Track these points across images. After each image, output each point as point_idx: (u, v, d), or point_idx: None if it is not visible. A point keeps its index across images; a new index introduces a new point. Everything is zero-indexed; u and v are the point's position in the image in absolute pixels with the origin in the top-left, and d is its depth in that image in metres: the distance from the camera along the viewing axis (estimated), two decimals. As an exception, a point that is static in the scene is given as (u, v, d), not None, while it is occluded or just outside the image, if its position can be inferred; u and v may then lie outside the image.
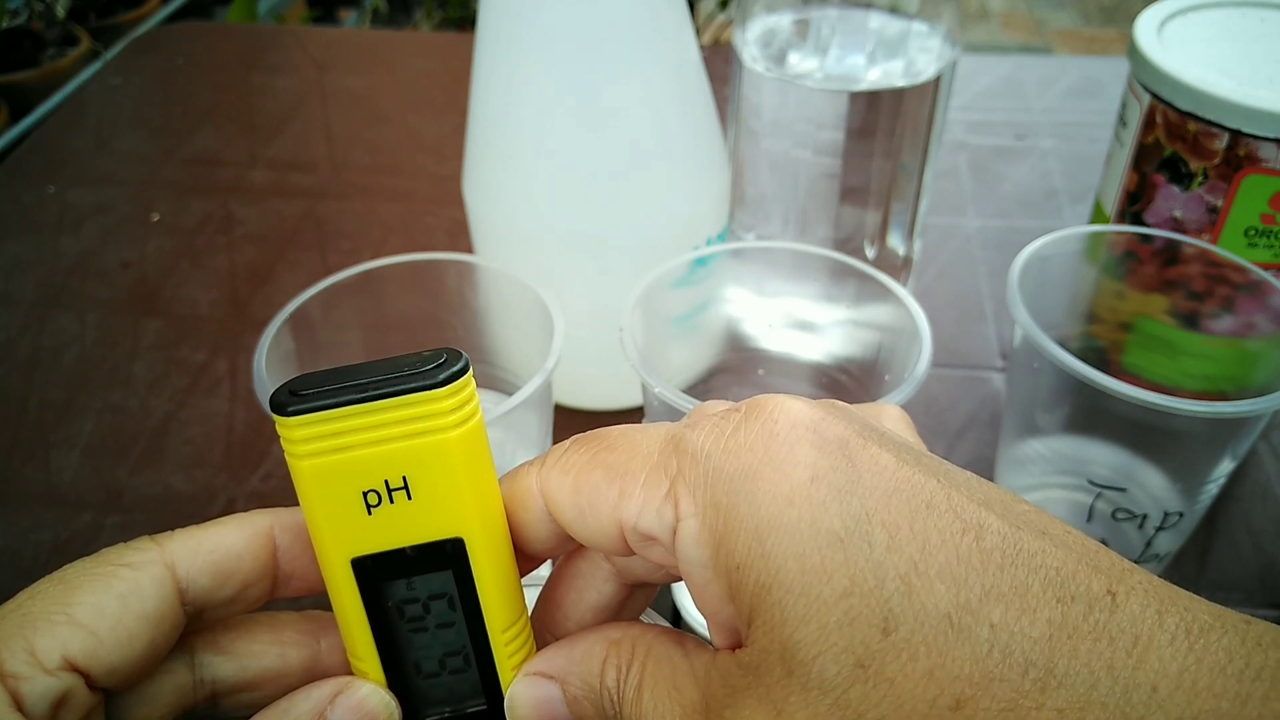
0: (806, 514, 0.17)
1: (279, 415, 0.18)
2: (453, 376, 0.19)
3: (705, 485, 0.18)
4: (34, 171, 0.68)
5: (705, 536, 0.18)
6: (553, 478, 0.20)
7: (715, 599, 0.18)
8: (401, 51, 0.83)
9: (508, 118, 0.39)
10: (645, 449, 0.20)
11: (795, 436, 0.18)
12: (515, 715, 0.21)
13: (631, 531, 0.19)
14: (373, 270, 0.36)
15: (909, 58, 0.45)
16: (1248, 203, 0.40)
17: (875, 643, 0.16)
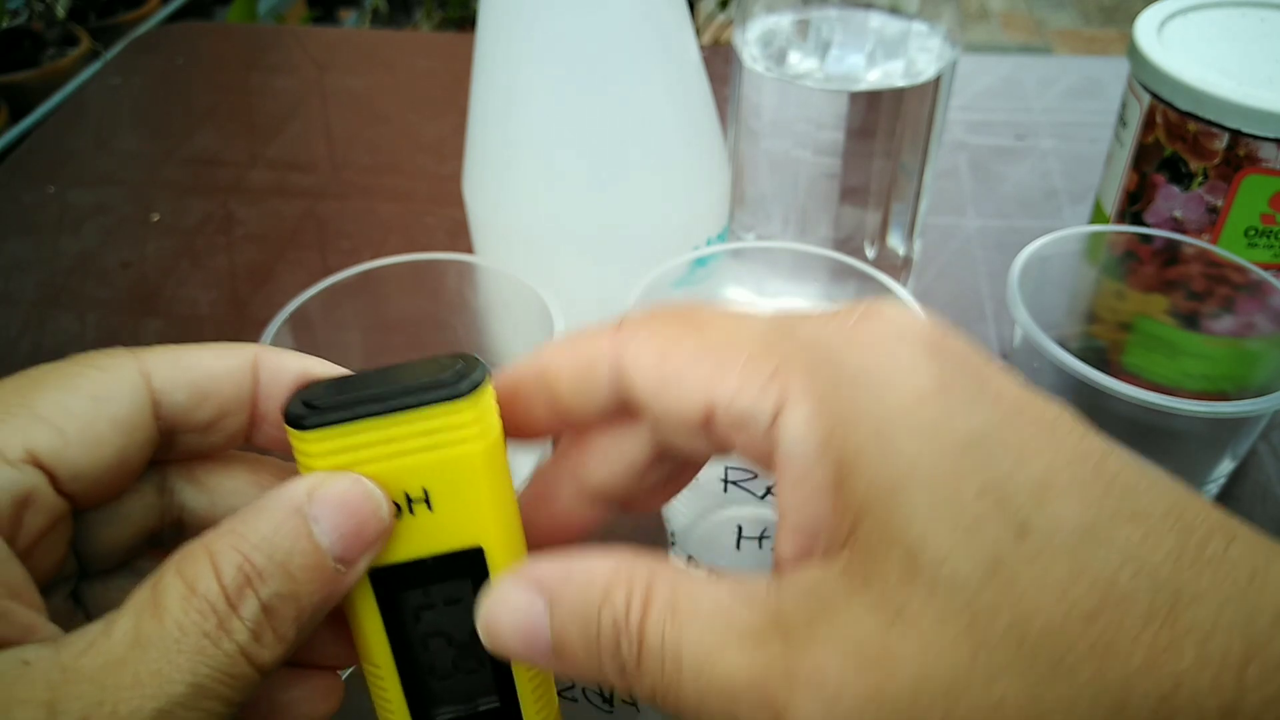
0: (935, 416, 0.16)
1: (295, 429, 0.18)
2: (474, 386, 0.18)
3: (821, 374, 0.17)
4: (34, 171, 0.68)
5: (818, 423, 0.17)
6: (637, 342, 0.19)
7: (811, 491, 0.17)
8: (401, 51, 0.83)
9: (508, 118, 0.39)
10: (748, 330, 0.18)
11: (918, 344, 0.17)
12: (489, 625, 0.18)
13: (724, 412, 0.18)
14: (373, 270, 0.36)
15: (909, 58, 0.45)
16: (1248, 203, 0.40)
17: (1009, 546, 0.15)
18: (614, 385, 0.19)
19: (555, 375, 0.20)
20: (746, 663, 0.16)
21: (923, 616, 0.15)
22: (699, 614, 0.17)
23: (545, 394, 0.20)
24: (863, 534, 0.16)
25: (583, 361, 0.19)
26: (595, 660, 0.18)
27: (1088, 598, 0.15)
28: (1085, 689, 0.15)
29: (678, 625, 0.17)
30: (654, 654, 0.17)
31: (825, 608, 0.16)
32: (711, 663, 0.16)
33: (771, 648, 0.16)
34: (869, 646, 0.15)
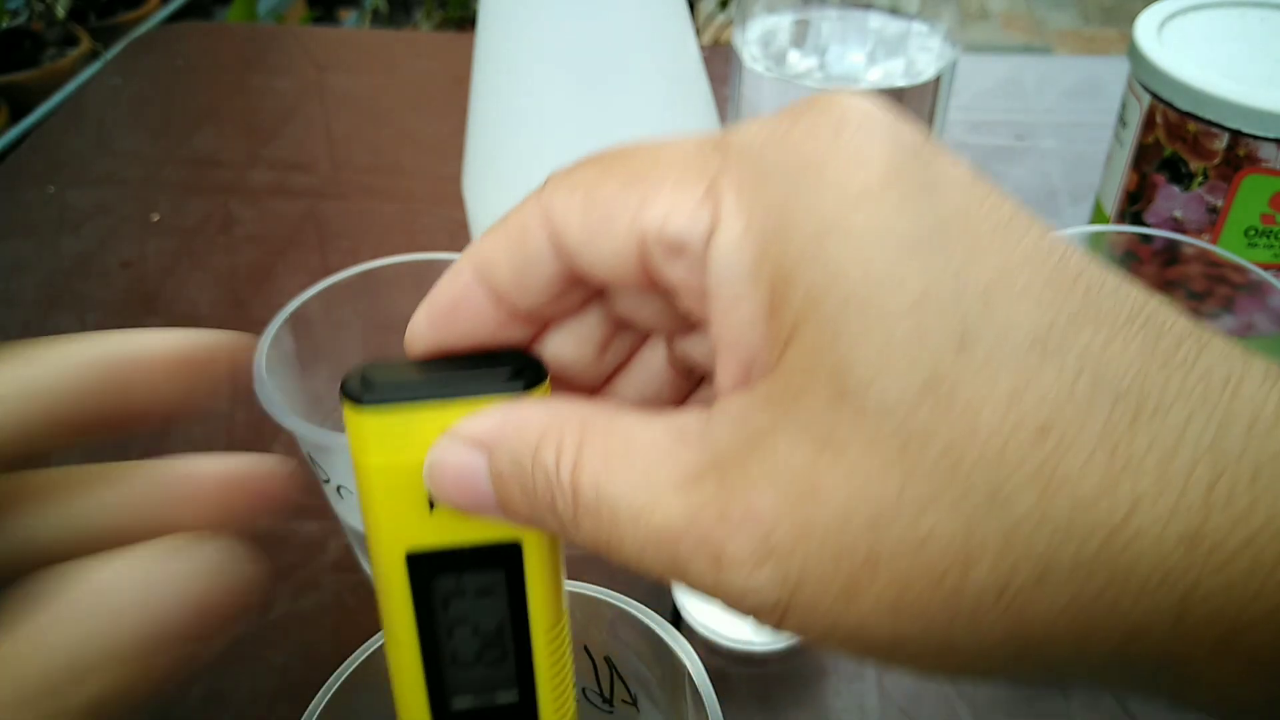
0: (877, 216, 0.14)
1: (352, 404, 0.18)
2: (530, 383, 0.18)
3: (755, 182, 0.15)
4: (34, 172, 0.68)
5: (749, 240, 0.15)
6: (559, 197, 0.17)
7: (745, 318, 0.15)
8: (401, 52, 0.83)
9: (507, 118, 0.39)
10: (674, 152, 0.17)
11: (867, 130, 0.15)
12: (433, 478, 0.18)
13: (656, 241, 0.16)
14: (372, 270, 0.36)
15: (909, 58, 0.45)
16: (1248, 203, 0.40)
17: (948, 360, 0.14)
18: (554, 254, 0.17)
19: (490, 264, 0.18)
20: (682, 506, 0.15)
21: (850, 443, 0.14)
22: (633, 459, 0.16)
23: (487, 293, 0.18)
24: (791, 355, 0.15)
25: (515, 238, 0.18)
26: (535, 515, 0.17)
27: (1035, 414, 0.13)
28: (1024, 521, 0.13)
29: (611, 474, 0.16)
30: (589, 507, 0.16)
31: (756, 439, 0.15)
32: (648, 510, 0.15)
33: (706, 487, 0.15)
34: (798, 478, 0.14)
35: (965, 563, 0.13)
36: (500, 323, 0.19)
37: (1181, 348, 0.14)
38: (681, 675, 0.24)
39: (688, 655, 0.24)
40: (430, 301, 0.19)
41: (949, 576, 0.14)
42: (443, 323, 0.19)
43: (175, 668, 0.17)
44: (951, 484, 0.13)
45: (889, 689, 0.37)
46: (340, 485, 0.33)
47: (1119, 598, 0.13)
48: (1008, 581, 0.13)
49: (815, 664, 0.38)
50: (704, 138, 0.17)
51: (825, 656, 0.39)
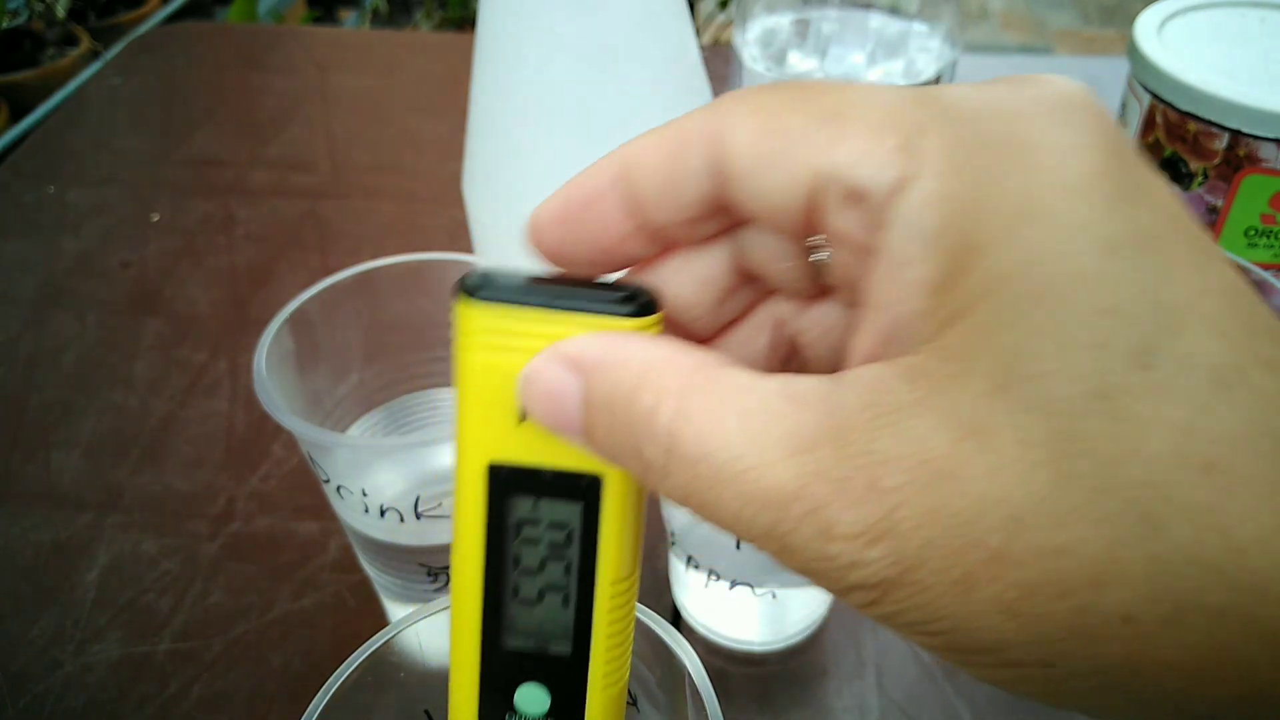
0: (1083, 210, 0.13)
1: (466, 296, 0.18)
2: (642, 310, 0.18)
3: (960, 146, 0.14)
4: (34, 171, 0.68)
5: (941, 203, 0.14)
6: (734, 117, 0.16)
7: (911, 281, 0.15)
8: (402, 52, 0.83)
9: (507, 118, 0.39)
10: (873, 97, 0.16)
11: (1084, 121, 0.14)
12: (525, 389, 0.17)
13: (835, 182, 0.15)
14: (373, 270, 0.36)
15: (909, 58, 0.45)
16: (1248, 203, 0.40)
17: (1126, 374, 0.13)
18: (710, 173, 0.17)
19: (639, 167, 0.17)
20: (794, 471, 0.14)
21: (1002, 436, 0.13)
22: (743, 416, 0.15)
23: (625, 198, 0.18)
24: (954, 334, 0.14)
25: (673, 147, 0.17)
26: (622, 453, 0.16)
27: (1204, 449, 0.13)
28: (1173, 555, 0.13)
29: (717, 428, 0.15)
30: (688, 458, 0.15)
31: (891, 413, 0.14)
32: (756, 471, 0.14)
33: (823, 454, 0.14)
34: (936, 460, 0.13)
35: (1099, 583, 0.13)
36: (627, 234, 0.18)
37: None
38: (681, 675, 0.24)
39: (688, 655, 0.24)
40: (563, 193, 0.18)
41: (1078, 593, 0.13)
42: (570, 217, 0.18)
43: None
44: (1103, 500, 0.13)
45: (889, 689, 0.37)
46: (340, 485, 0.33)
47: (1257, 655, 0.13)
48: (1139, 612, 0.13)
49: (815, 664, 0.38)
50: (905, 89, 0.16)
51: (825, 656, 0.39)
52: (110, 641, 0.39)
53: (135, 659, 0.39)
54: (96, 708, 0.37)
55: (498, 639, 0.20)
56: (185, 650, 0.39)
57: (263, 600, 0.41)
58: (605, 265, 0.19)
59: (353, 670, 0.24)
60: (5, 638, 0.40)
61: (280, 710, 0.37)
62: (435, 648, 0.26)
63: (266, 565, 0.42)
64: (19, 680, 0.38)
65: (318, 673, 0.26)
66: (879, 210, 0.15)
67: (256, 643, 0.39)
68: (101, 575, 0.42)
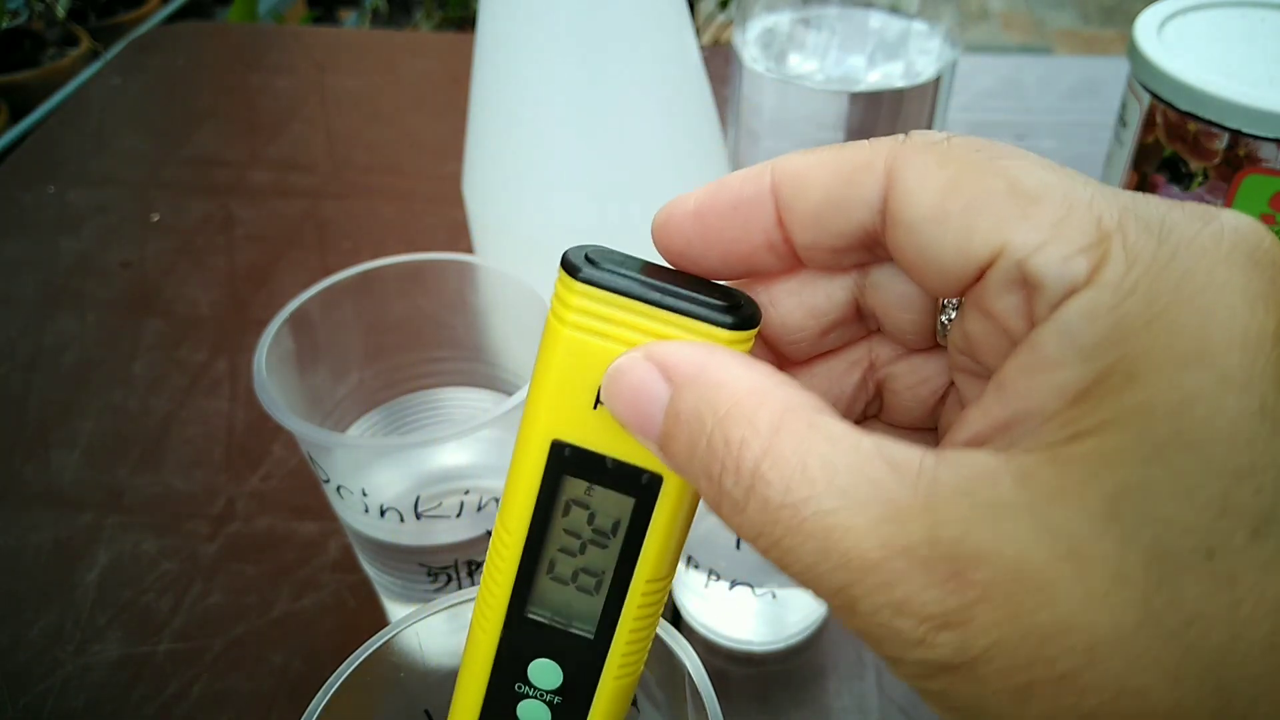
0: (1249, 369, 0.13)
1: (569, 275, 0.18)
2: (742, 324, 0.17)
3: (1143, 264, 0.14)
4: (34, 172, 0.68)
5: (1111, 319, 0.14)
6: (920, 163, 0.16)
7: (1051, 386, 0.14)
8: (401, 52, 0.83)
9: (507, 118, 0.39)
10: (1072, 185, 0.15)
11: (1265, 272, 0.14)
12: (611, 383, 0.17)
13: (1009, 266, 0.15)
14: (372, 270, 0.36)
15: (909, 58, 0.45)
16: (1248, 203, 0.40)
17: (1240, 540, 0.13)
18: (878, 209, 0.16)
19: (803, 183, 0.17)
20: (879, 538, 0.14)
21: (1102, 565, 0.13)
22: (834, 470, 0.15)
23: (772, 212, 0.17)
24: (1080, 449, 0.14)
25: (844, 174, 0.16)
26: (693, 471, 0.16)
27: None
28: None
29: (806, 477, 0.15)
30: (770, 501, 0.15)
31: (993, 508, 0.14)
32: (840, 530, 0.14)
33: (913, 528, 0.14)
34: (1030, 569, 0.13)
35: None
36: (766, 245, 0.18)
37: None
38: (681, 675, 0.24)
39: (688, 655, 0.24)
40: (713, 189, 0.18)
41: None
42: (713, 216, 0.18)
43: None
44: (1185, 659, 0.13)
45: (889, 689, 0.37)
46: (340, 485, 0.33)
47: None
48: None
49: (815, 664, 0.38)
50: (1106, 188, 0.15)
51: (825, 656, 0.39)
52: (110, 641, 0.39)
53: (135, 659, 0.39)
54: (96, 708, 0.37)
55: (524, 608, 0.20)
56: (185, 650, 0.39)
57: (263, 600, 0.41)
58: (728, 272, 0.19)
59: (353, 670, 0.24)
60: (5, 638, 0.40)
61: (280, 710, 0.37)
62: (435, 648, 0.26)
63: (267, 565, 0.42)
64: (19, 680, 0.38)
65: (318, 673, 0.26)
66: (1045, 304, 0.15)
67: (256, 643, 0.39)
68: (102, 575, 0.42)
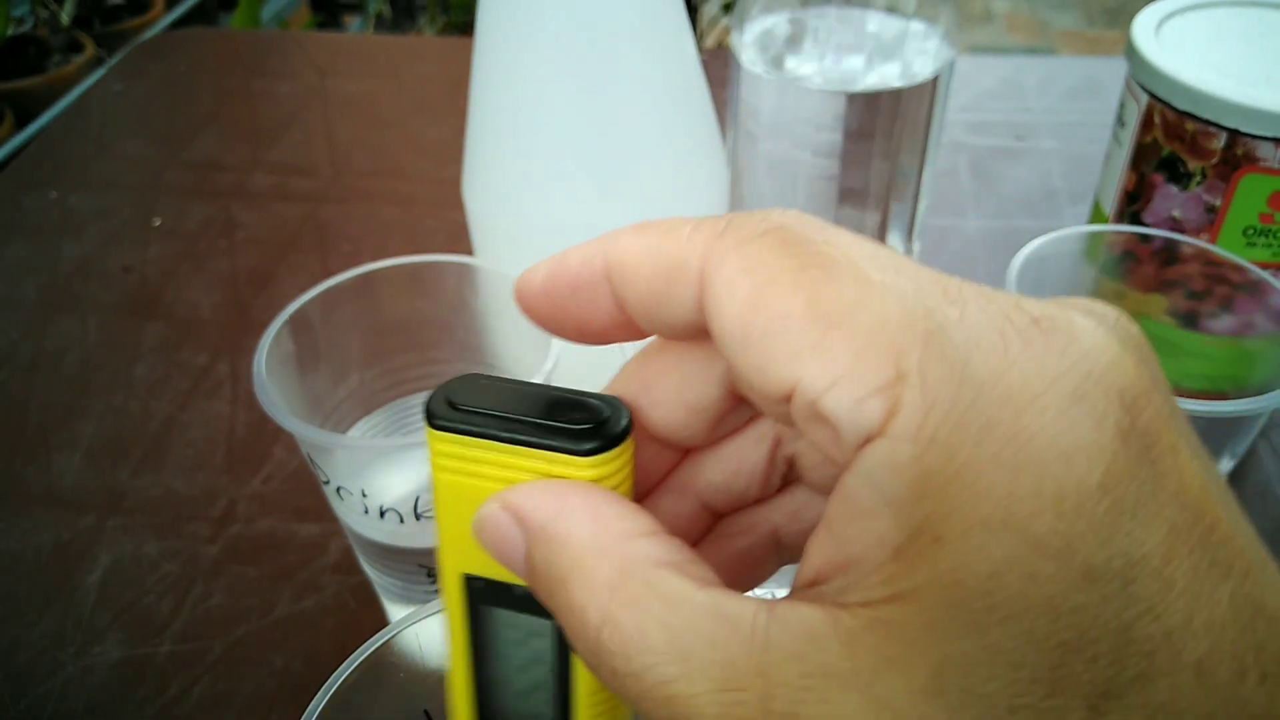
0: (1069, 530, 0.12)
1: (428, 424, 0.18)
2: (604, 446, 0.17)
3: (949, 414, 0.13)
4: (36, 176, 0.69)
5: (911, 475, 0.13)
6: (727, 269, 0.15)
7: (871, 536, 0.14)
8: (403, 56, 0.83)
9: (506, 121, 0.39)
10: (878, 305, 0.14)
11: (1105, 408, 0.13)
12: (479, 532, 0.17)
13: (807, 403, 0.14)
14: (373, 272, 0.36)
15: (906, 59, 0.45)
16: (1246, 202, 0.40)
17: (1074, 717, 0.12)
18: (698, 308, 0.16)
19: (631, 274, 0.16)
20: (715, 706, 0.14)
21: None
22: (671, 634, 0.14)
23: (609, 297, 0.17)
24: (900, 614, 0.13)
25: (663, 271, 0.16)
26: (566, 617, 0.16)
27: None
28: None
29: (644, 644, 0.14)
30: (615, 671, 0.15)
31: (820, 675, 0.13)
32: (682, 699, 0.14)
33: (747, 695, 0.14)
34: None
35: None
36: (612, 322, 0.18)
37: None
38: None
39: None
40: (552, 271, 0.18)
41: None
42: (557, 294, 0.18)
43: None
44: None
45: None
46: (341, 487, 0.33)
47: None
48: None
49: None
50: (918, 307, 0.14)
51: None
52: (111, 643, 0.39)
53: (136, 661, 0.39)
54: (97, 709, 0.37)
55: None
56: (186, 652, 0.39)
57: (263, 602, 0.41)
58: (588, 340, 0.19)
59: (353, 670, 0.24)
60: (6, 639, 0.40)
61: (281, 711, 0.37)
62: (435, 648, 0.26)
63: (267, 567, 0.42)
64: (20, 682, 0.38)
65: (318, 674, 0.26)
66: (845, 447, 0.14)
67: (257, 644, 0.39)
68: (103, 577, 0.42)
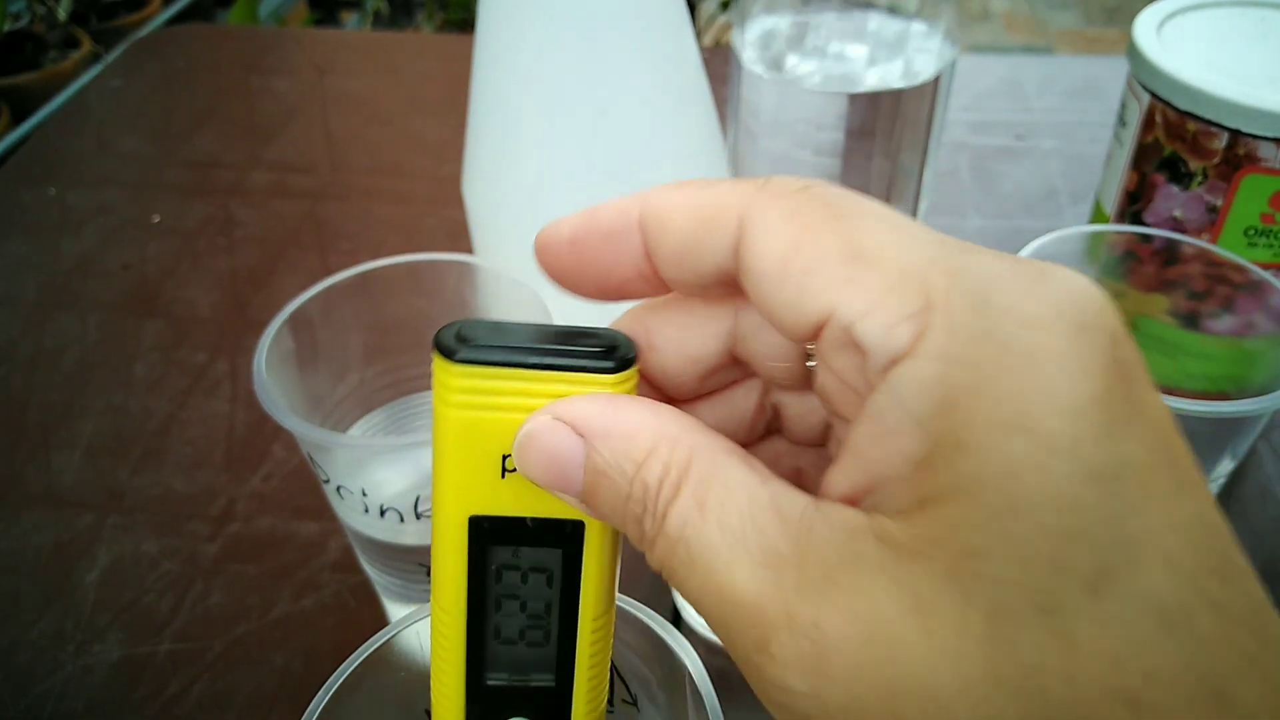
0: (1072, 434, 0.14)
1: (444, 359, 0.18)
2: (622, 365, 0.18)
3: (970, 332, 0.14)
4: (34, 173, 0.69)
5: (940, 388, 0.14)
6: (769, 216, 0.16)
7: (897, 453, 0.15)
8: (402, 53, 0.83)
9: (507, 119, 0.39)
10: (906, 246, 0.15)
11: (1098, 338, 0.14)
12: (524, 450, 0.18)
13: (838, 329, 0.15)
14: (372, 271, 0.36)
15: (907, 58, 0.45)
16: (1247, 202, 0.40)
17: (1075, 598, 0.14)
18: (732, 254, 0.17)
19: (665, 224, 0.17)
20: (754, 583, 0.15)
21: (946, 621, 0.14)
22: (725, 514, 0.16)
23: (640, 246, 0.18)
24: (926, 516, 0.14)
25: (704, 215, 0.17)
26: (618, 517, 0.17)
27: (1136, 684, 0.13)
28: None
29: (702, 521, 0.16)
30: (669, 538, 0.16)
31: (854, 562, 0.15)
32: (720, 569, 0.16)
33: (784, 577, 0.15)
34: (882, 623, 0.14)
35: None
36: (638, 276, 0.18)
37: (1268, 649, 0.14)
38: (681, 675, 0.24)
39: (688, 655, 0.24)
40: (582, 219, 0.19)
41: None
42: (586, 245, 0.19)
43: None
44: (1027, 711, 0.14)
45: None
46: (340, 485, 0.33)
47: None
48: None
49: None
50: (940, 249, 0.16)
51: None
52: (111, 642, 0.39)
53: (136, 660, 0.39)
54: (97, 708, 0.37)
55: (481, 676, 0.21)
56: (186, 651, 0.39)
57: (263, 601, 0.41)
58: (603, 296, 0.19)
59: (353, 670, 0.24)
60: (6, 639, 0.40)
61: (281, 711, 0.37)
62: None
63: (267, 566, 0.42)
64: (19, 681, 0.38)
65: (318, 673, 0.26)
66: (875, 369, 0.15)
67: (257, 643, 0.39)
68: (102, 576, 0.42)
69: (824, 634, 0.15)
